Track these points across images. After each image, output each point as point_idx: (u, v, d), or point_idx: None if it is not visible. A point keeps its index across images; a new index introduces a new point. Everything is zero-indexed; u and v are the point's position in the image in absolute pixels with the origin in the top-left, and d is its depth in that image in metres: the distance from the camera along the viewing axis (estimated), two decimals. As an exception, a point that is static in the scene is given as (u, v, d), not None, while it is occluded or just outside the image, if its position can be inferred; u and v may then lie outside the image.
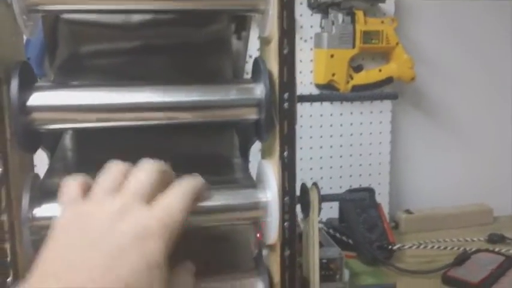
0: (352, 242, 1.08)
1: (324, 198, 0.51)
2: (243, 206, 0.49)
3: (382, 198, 1.25)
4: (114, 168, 0.40)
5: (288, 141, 0.47)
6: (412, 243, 1.12)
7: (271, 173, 0.48)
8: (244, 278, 0.51)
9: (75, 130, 0.58)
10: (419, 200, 1.34)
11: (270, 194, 0.48)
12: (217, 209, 0.48)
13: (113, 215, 0.36)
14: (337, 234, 1.10)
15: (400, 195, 1.34)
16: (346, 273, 0.98)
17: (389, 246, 1.07)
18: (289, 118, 0.46)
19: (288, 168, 0.47)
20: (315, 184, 0.51)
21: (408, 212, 1.26)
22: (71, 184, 0.40)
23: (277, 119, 0.46)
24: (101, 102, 0.45)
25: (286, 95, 0.46)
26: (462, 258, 1.04)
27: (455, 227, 1.25)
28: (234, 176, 0.57)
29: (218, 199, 0.49)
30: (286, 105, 0.46)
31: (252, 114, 0.48)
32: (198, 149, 0.59)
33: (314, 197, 0.50)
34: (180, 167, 0.57)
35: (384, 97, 0.84)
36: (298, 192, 0.49)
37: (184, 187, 0.41)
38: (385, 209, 1.21)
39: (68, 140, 0.57)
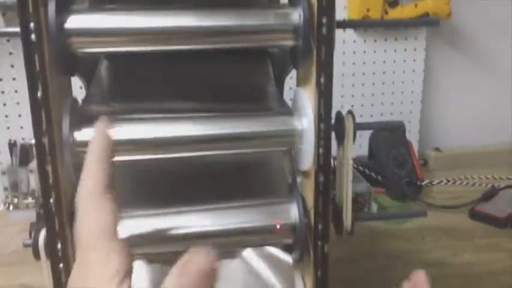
0: (381, 178, 1.08)
1: (358, 127, 0.51)
2: (279, 133, 0.49)
3: (412, 136, 1.24)
4: None
5: (326, 68, 0.46)
6: (440, 179, 1.12)
7: (307, 100, 0.48)
8: (279, 204, 0.52)
9: (110, 59, 0.58)
10: (449, 139, 1.32)
11: (306, 121, 0.48)
12: (253, 135, 0.49)
13: None
14: (366, 171, 1.10)
15: (430, 133, 1.32)
16: (374, 207, 0.99)
17: (418, 182, 1.07)
18: (327, 43, 0.45)
19: (324, 96, 0.46)
20: (350, 112, 0.51)
21: (437, 150, 1.26)
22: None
23: (315, 45, 0.46)
24: (138, 25, 0.45)
25: (324, 19, 0.45)
26: (490, 194, 1.04)
27: (484, 165, 1.24)
28: (269, 104, 0.57)
29: (254, 126, 0.49)
30: (324, 30, 0.45)
31: (288, 40, 0.47)
32: (234, 78, 0.59)
33: (349, 125, 0.50)
34: (215, 95, 0.57)
35: (424, 23, 0.80)
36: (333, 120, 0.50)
37: None
38: (415, 147, 1.20)
39: (103, 69, 0.58)
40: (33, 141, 0.43)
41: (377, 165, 1.10)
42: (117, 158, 0.48)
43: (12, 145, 1.01)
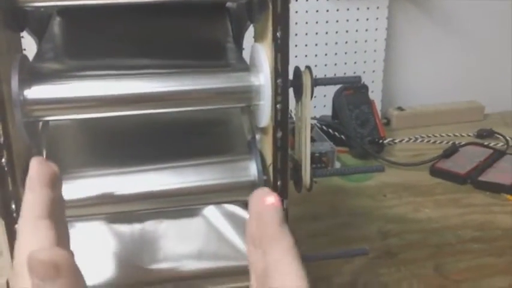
0: (344, 138, 1.10)
1: (316, 82, 0.51)
2: (236, 89, 0.49)
3: (375, 95, 1.25)
4: None
5: (281, 22, 0.45)
6: (402, 138, 1.14)
7: (264, 55, 0.47)
8: (238, 161, 0.52)
9: (63, 15, 0.56)
10: (412, 98, 1.34)
11: (263, 77, 0.48)
12: (210, 91, 0.48)
13: None
14: (330, 130, 1.11)
15: (392, 92, 1.34)
16: (337, 166, 1.00)
17: (380, 141, 1.09)
18: (283, -4, 0.45)
19: (280, 50, 0.46)
20: (308, 67, 0.50)
21: (400, 109, 1.28)
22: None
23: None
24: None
25: (279, -29, 0.44)
26: (450, 151, 1.06)
27: (445, 123, 1.26)
28: (227, 61, 0.56)
29: (211, 82, 0.48)
30: (279, -18, 0.44)
31: (244, -7, 0.46)
32: (191, 34, 0.58)
33: (307, 80, 0.50)
34: (171, 51, 0.56)
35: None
36: (291, 76, 0.49)
37: None
38: (378, 107, 1.21)
39: (56, 26, 0.56)
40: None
41: (340, 125, 1.11)
42: (72, 116, 0.47)
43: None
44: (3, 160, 0.43)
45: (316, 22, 1.19)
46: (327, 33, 1.20)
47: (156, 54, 0.55)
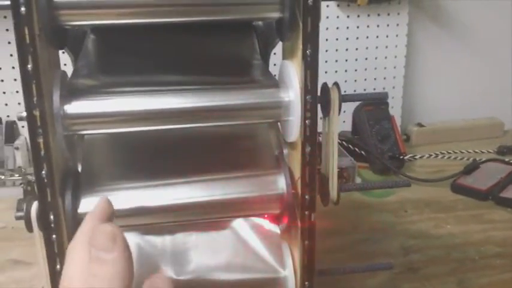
0: (365, 153, 1.10)
1: (344, 98, 0.52)
2: (266, 105, 0.50)
3: (395, 111, 1.26)
4: None
5: (311, 40, 0.47)
6: (422, 153, 1.15)
7: (293, 72, 0.49)
8: (267, 175, 0.53)
9: (97, 32, 0.58)
10: (432, 115, 1.34)
11: (293, 93, 0.49)
12: (240, 107, 0.50)
13: None
14: (350, 146, 1.12)
15: (412, 108, 1.34)
16: (358, 181, 1.01)
17: (401, 156, 1.09)
18: (314, 15, 0.46)
19: (310, 67, 0.47)
20: (336, 84, 0.52)
21: (420, 125, 1.28)
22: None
23: (301, 17, 0.46)
24: (124, -1, 0.45)
25: (310, -9, 0.45)
26: (471, 167, 1.07)
27: (466, 139, 1.26)
28: (255, 77, 0.58)
29: (241, 98, 0.50)
30: (310, 1, 0.45)
31: (275, 12, 0.48)
32: (219, 51, 0.60)
33: (335, 96, 0.51)
34: (200, 67, 0.58)
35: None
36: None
37: None
38: (398, 123, 1.22)
39: (90, 43, 0.58)
40: (23, 114, 0.44)
41: (360, 140, 1.12)
42: (108, 130, 0.49)
43: (-4, 123, 1.01)
44: (43, 172, 0.45)
45: (337, 39, 1.20)
46: (347, 49, 1.22)
47: (186, 70, 0.57)
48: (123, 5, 0.46)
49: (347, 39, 1.21)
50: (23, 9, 0.41)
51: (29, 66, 0.42)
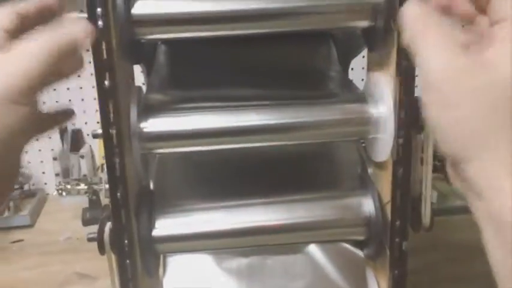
0: (438, 163, 1.04)
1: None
2: (352, 121, 0.46)
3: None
4: None
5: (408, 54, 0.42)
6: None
7: (385, 85, 0.45)
8: (350, 197, 0.49)
9: (168, 44, 0.55)
10: None
11: (384, 109, 0.45)
12: (325, 123, 0.46)
13: None
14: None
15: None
16: (434, 195, 0.95)
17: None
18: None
19: (405, 80, 0.43)
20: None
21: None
22: None
23: (395, 26, 0.42)
24: (203, 10, 0.42)
25: (408, -2, 0.41)
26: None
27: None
28: (334, 89, 0.54)
29: (325, 114, 0.46)
30: (408, 9, 0.41)
31: (364, 21, 0.44)
32: (294, 62, 0.56)
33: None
34: (276, 80, 0.54)
35: None
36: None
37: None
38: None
39: (162, 56, 0.55)
40: (99, 131, 0.42)
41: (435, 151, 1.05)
42: (186, 149, 0.46)
43: (63, 131, 1.00)
44: (118, 194, 0.42)
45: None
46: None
47: (260, 83, 0.53)
48: (202, 17, 0.43)
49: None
50: (100, 22, 0.38)
51: (106, 82, 0.39)
